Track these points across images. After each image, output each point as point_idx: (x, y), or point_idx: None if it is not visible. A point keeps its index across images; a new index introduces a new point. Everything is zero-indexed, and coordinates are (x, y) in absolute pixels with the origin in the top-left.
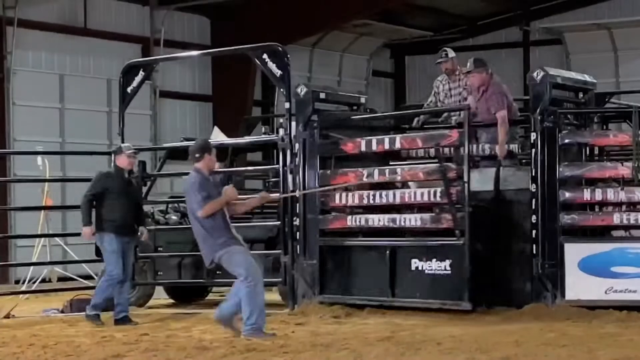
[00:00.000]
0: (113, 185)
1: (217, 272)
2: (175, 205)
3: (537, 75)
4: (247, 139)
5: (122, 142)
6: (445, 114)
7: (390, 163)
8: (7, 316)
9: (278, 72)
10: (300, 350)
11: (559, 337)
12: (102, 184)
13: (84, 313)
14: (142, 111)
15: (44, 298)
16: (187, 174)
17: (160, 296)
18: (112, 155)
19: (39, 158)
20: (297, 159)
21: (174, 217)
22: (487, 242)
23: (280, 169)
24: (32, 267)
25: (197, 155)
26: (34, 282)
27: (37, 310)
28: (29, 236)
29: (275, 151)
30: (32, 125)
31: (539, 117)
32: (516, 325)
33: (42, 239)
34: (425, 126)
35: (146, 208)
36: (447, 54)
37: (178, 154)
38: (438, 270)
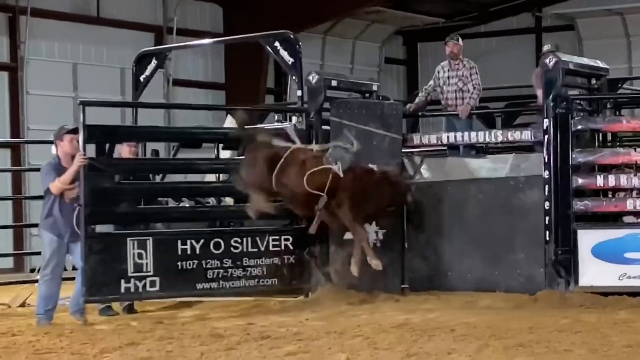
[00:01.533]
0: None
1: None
2: None
3: (550, 61)
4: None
5: None
6: (444, 101)
7: None
8: (22, 305)
9: (290, 60)
10: (314, 337)
11: (572, 323)
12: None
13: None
14: (155, 100)
15: (63, 286)
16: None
17: None
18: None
19: (53, 147)
20: None
21: (186, 204)
22: None
23: None
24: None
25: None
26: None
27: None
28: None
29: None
30: (46, 114)
31: (551, 104)
32: (530, 312)
33: None
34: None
35: None
36: (458, 38)
37: (192, 141)
38: None
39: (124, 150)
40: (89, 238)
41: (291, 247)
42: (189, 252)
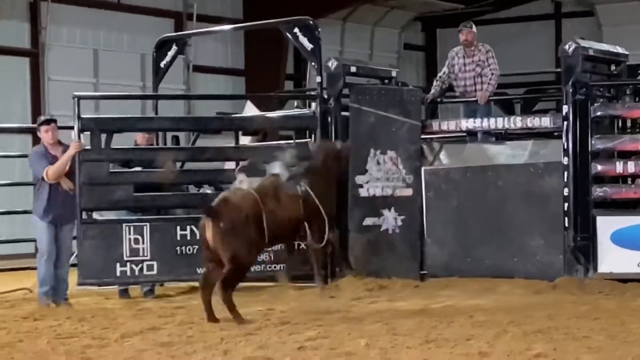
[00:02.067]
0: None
1: None
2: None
3: (569, 47)
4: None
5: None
6: (462, 88)
7: None
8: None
9: (309, 46)
10: (334, 323)
11: (591, 310)
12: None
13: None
14: (175, 86)
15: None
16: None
17: None
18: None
19: (73, 132)
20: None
21: (208, 191)
22: None
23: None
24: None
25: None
26: (71, 256)
27: (74, 283)
28: None
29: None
30: (67, 100)
31: (570, 90)
32: (549, 298)
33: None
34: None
35: None
36: (471, 26)
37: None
38: None
39: (138, 138)
40: (83, 224)
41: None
42: (189, 238)
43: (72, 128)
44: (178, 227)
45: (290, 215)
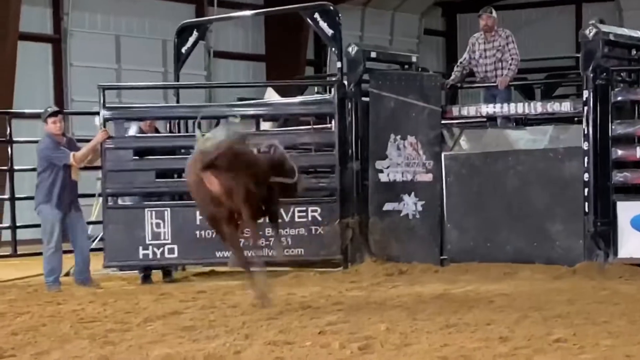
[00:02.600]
0: None
1: None
2: None
3: (590, 32)
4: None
5: (177, 102)
6: (482, 74)
7: None
8: (67, 274)
9: (329, 32)
10: (354, 307)
11: (611, 295)
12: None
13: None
14: (196, 71)
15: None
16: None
17: None
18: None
19: (97, 118)
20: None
21: None
22: None
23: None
24: (90, 226)
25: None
26: (93, 241)
27: (97, 268)
28: (88, 195)
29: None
30: (89, 86)
31: (591, 75)
32: (569, 283)
33: (100, 197)
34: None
35: None
36: (491, 11)
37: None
38: None
39: (143, 125)
40: (108, 209)
41: (319, 218)
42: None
43: (94, 114)
44: (197, 212)
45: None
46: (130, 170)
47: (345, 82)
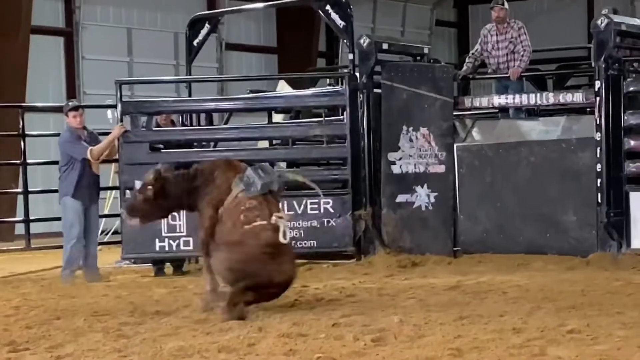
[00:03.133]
0: None
1: None
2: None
3: (601, 22)
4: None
5: (189, 95)
6: (494, 65)
7: None
8: (80, 267)
9: (341, 23)
10: (368, 299)
11: (624, 285)
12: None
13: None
14: (208, 64)
15: (117, 249)
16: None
17: None
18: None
19: (109, 111)
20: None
21: None
22: None
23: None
24: (104, 219)
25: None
26: (107, 234)
27: (110, 261)
28: (102, 188)
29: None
30: (102, 78)
31: (603, 65)
32: (582, 274)
33: (114, 191)
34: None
35: None
36: (503, 2)
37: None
38: None
39: (160, 118)
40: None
41: (331, 211)
42: None
43: (107, 107)
44: None
45: None
46: (146, 164)
47: (357, 74)
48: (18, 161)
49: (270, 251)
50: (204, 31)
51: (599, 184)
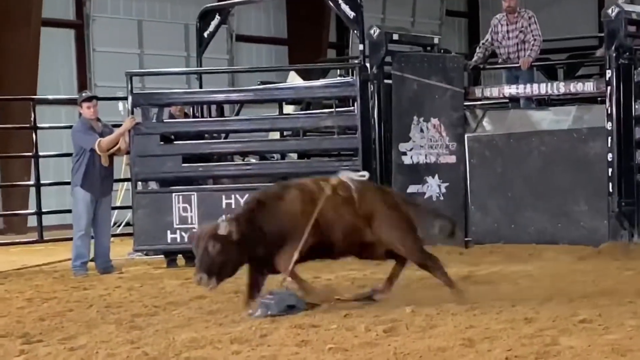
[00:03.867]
0: None
1: None
2: None
3: (612, 11)
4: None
5: (200, 87)
6: (505, 55)
7: None
8: (92, 259)
9: (351, 14)
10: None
11: (636, 275)
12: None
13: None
14: (219, 55)
15: (129, 241)
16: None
17: None
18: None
19: (120, 104)
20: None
21: (253, 160)
22: None
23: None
24: (116, 211)
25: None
26: (119, 226)
27: (122, 253)
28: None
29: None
30: (112, 71)
31: (614, 54)
32: (593, 264)
33: (125, 183)
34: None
35: None
36: None
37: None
38: None
39: (173, 108)
40: (138, 194)
41: None
42: (233, 206)
43: (117, 99)
44: (223, 196)
45: None
46: (158, 156)
47: (368, 65)
48: (30, 154)
49: None
50: (214, 23)
51: (610, 174)
